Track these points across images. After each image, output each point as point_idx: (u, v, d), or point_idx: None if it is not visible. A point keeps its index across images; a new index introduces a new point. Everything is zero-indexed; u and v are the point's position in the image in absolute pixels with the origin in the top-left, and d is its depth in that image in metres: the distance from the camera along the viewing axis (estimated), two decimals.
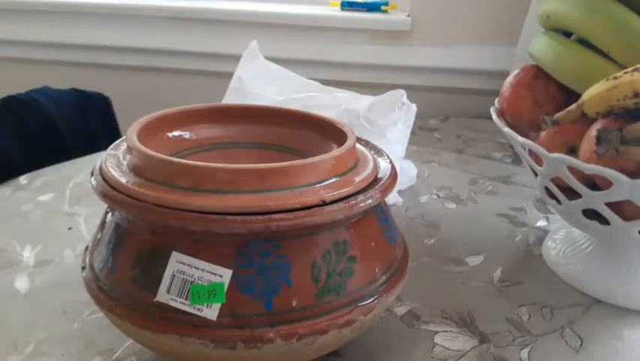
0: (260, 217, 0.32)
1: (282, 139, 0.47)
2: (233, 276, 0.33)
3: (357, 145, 0.41)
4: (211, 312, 0.33)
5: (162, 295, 0.34)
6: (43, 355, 0.43)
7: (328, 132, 0.44)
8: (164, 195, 0.33)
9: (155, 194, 0.33)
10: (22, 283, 0.52)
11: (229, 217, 0.32)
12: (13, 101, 0.87)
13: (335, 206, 0.34)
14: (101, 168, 0.38)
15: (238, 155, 0.47)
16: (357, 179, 0.37)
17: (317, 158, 0.36)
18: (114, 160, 0.38)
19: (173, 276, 0.33)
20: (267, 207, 0.33)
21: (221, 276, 0.33)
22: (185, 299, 0.33)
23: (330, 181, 0.36)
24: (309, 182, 0.35)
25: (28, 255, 0.56)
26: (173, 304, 0.33)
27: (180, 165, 0.35)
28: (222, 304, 0.33)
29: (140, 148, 0.36)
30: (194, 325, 0.34)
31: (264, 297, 0.34)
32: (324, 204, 0.34)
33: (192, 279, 0.33)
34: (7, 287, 0.51)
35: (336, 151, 0.38)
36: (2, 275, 0.53)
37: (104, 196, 0.35)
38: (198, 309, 0.33)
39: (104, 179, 0.36)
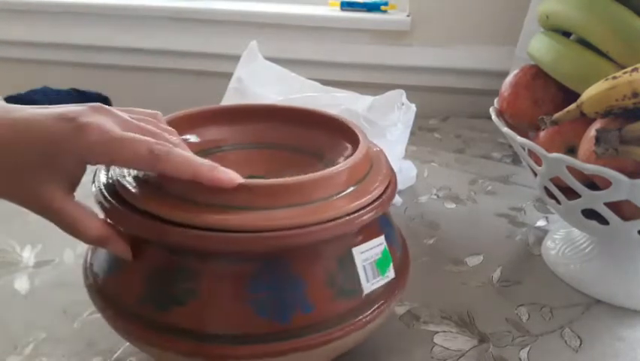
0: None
1: (288, 139, 0.47)
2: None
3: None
4: (391, 273, 0.38)
5: (367, 287, 0.37)
6: (43, 355, 0.43)
7: (336, 130, 0.45)
8: (312, 215, 0.34)
9: (298, 216, 0.34)
10: (22, 284, 0.52)
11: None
12: (13, 101, 0.87)
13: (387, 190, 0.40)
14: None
15: (233, 156, 0.47)
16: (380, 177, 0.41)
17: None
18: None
19: (364, 267, 0.37)
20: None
21: (381, 244, 0.38)
22: (379, 276, 0.37)
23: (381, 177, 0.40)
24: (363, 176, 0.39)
25: (28, 255, 0.56)
26: (374, 287, 0.37)
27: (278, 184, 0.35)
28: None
29: None
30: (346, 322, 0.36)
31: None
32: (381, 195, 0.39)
33: (375, 258, 0.38)
34: (7, 287, 0.51)
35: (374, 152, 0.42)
36: (2, 275, 0.53)
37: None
38: (388, 276, 0.38)
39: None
